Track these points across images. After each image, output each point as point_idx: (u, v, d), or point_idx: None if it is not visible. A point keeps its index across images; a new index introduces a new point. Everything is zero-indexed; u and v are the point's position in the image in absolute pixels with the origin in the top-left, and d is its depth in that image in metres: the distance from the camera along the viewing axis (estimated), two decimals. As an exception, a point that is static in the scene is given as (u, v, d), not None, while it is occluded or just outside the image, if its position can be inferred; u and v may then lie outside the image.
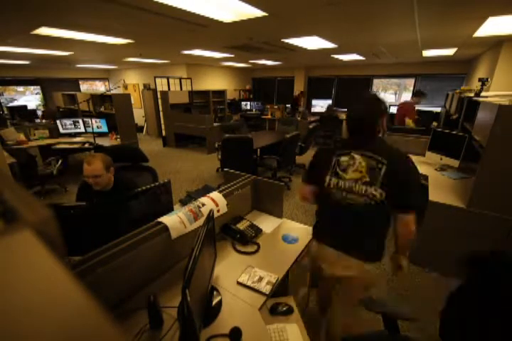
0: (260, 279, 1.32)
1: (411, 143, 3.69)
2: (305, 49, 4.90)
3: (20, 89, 8.21)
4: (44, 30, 3.32)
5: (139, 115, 8.65)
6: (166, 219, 1.30)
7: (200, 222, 1.41)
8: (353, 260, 1.27)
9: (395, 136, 3.84)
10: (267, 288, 1.26)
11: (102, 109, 5.64)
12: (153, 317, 1.04)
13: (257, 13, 2.62)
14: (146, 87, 8.73)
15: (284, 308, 1.33)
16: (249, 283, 1.29)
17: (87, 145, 4.72)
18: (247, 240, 1.61)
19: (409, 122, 4.61)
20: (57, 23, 3.05)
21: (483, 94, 2.81)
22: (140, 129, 8.84)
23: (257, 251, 1.54)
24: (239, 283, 1.30)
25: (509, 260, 0.84)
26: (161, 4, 2.34)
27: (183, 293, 0.81)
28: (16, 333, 0.22)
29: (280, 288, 1.40)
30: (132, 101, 5.95)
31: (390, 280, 2.28)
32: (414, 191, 1.21)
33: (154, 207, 1.69)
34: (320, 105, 8.45)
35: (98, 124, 5.16)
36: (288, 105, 8.81)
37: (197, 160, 5.96)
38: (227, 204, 1.62)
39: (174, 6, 2.38)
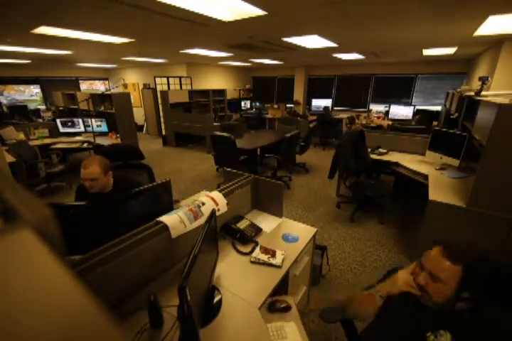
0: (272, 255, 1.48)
1: (411, 142, 3.69)
2: (305, 48, 4.89)
3: (20, 88, 8.20)
4: (44, 30, 3.31)
5: (138, 114, 8.64)
6: (165, 219, 1.30)
7: (201, 221, 1.41)
8: None
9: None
10: (277, 261, 1.44)
11: (102, 109, 5.63)
12: (153, 316, 1.04)
13: (256, 12, 2.62)
14: (146, 86, 8.72)
15: (282, 305, 1.34)
16: (262, 260, 1.45)
17: (86, 145, 4.72)
18: (248, 239, 1.61)
19: None
20: (57, 23, 3.05)
21: (483, 93, 2.80)
22: (140, 128, 8.84)
23: (254, 250, 1.54)
24: (252, 262, 1.45)
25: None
26: (162, 3, 2.33)
27: (180, 292, 0.81)
28: (16, 333, 0.22)
29: (280, 288, 1.40)
30: (132, 101, 5.94)
31: (390, 279, 2.28)
32: None
33: (154, 206, 1.69)
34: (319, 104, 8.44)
35: (98, 124, 5.16)
36: (289, 105, 8.79)
37: (197, 159, 5.97)
38: (227, 204, 1.62)
39: (177, 5, 2.38)
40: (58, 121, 5.13)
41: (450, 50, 5.10)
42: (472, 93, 2.90)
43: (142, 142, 6.10)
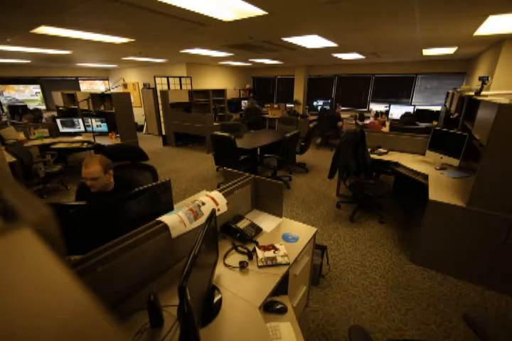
0: (274, 258, 1.47)
1: (411, 142, 3.69)
2: (305, 48, 4.89)
3: (20, 88, 8.20)
4: (44, 29, 3.31)
5: (138, 114, 8.64)
6: (165, 218, 1.30)
7: (201, 221, 1.41)
8: None
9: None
10: (284, 259, 1.44)
11: (102, 108, 5.64)
12: (153, 316, 1.04)
13: (256, 11, 2.62)
14: (146, 85, 8.71)
15: (278, 306, 1.34)
16: (268, 263, 1.43)
17: (86, 145, 4.72)
18: (248, 239, 1.61)
19: None
20: (57, 22, 3.04)
21: (483, 92, 2.80)
22: (140, 128, 8.84)
23: (254, 250, 1.54)
24: (260, 267, 1.41)
25: None
26: (162, 3, 2.33)
27: (180, 291, 0.81)
28: (16, 333, 0.22)
29: (280, 287, 1.40)
30: (132, 100, 5.94)
31: (390, 280, 2.28)
32: None
33: (154, 206, 1.69)
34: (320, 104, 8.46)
35: (98, 123, 5.16)
36: (289, 105, 8.79)
37: (197, 159, 5.97)
38: (227, 204, 1.62)
39: (177, 5, 2.38)
40: (58, 120, 5.13)
41: (450, 50, 5.10)
42: (472, 93, 2.90)
43: (142, 142, 6.10)
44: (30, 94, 8.40)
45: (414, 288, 2.19)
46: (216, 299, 1.20)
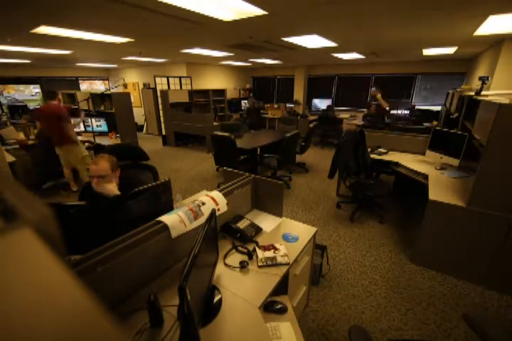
0: (274, 258, 1.47)
1: (411, 142, 3.69)
2: (305, 48, 4.89)
3: (20, 88, 8.19)
4: (44, 29, 3.31)
5: (138, 114, 8.64)
6: (165, 218, 1.30)
7: (201, 220, 1.41)
8: None
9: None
10: (284, 259, 1.44)
11: (102, 108, 5.63)
12: (153, 316, 1.04)
13: (256, 11, 2.62)
14: (146, 85, 8.71)
15: (278, 306, 1.34)
16: (268, 263, 1.43)
17: (86, 145, 4.71)
18: (248, 239, 1.61)
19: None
20: (56, 22, 3.04)
21: (483, 92, 2.80)
22: (140, 128, 8.84)
23: (254, 250, 1.54)
24: (260, 267, 1.42)
25: None
26: (162, 3, 2.33)
27: (181, 291, 0.81)
28: (16, 333, 0.22)
29: (280, 287, 1.40)
30: (132, 100, 5.94)
31: (390, 280, 2.28)
32: None
33: (154, 206, 1.69)
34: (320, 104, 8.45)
35: (98, 123, 5.16)
36: (289, 105, 8.79)
37: (197, 159, 5.96)
38: (227, 203, 1.62)
39: (178, 5, 2.38)
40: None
41: (450, 50, 5.10)
42: (472, 93, 2.90)
43: (142, 142, 6.10)
44: (30, 94, 8.39)
45: (414, 288, 2.19)
46: (216, 299, 1.20)
